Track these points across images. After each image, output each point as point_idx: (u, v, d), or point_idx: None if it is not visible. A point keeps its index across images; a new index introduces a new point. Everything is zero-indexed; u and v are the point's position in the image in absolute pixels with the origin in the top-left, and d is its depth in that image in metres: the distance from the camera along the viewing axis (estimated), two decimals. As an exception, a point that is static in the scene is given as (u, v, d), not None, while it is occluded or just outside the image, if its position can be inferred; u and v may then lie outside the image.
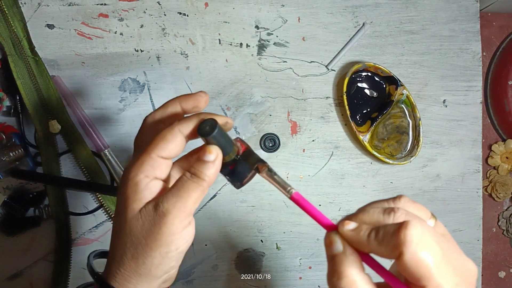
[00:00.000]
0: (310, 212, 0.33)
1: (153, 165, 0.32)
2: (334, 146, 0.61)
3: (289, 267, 0.61)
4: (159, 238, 0.30)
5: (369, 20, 0.62)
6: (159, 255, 0.31)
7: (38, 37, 0.57)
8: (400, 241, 0.25)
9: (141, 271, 0.32)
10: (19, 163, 0.54)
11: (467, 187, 0.63)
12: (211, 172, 0.32)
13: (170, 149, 0.32)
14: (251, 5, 0.60)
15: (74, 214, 0.57)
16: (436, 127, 0.63)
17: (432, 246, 0.25)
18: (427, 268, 0.25)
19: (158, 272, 0.32)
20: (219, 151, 0.32)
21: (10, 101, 0.56)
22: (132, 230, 0.32)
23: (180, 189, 0.31)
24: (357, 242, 0.28)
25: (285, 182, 0.34)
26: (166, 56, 0.59)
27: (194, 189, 0.31)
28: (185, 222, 0.31)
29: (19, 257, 0.57)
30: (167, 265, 0.32)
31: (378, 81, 0.62)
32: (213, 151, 0.32)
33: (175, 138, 0.32)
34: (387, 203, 0.30)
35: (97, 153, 0.57)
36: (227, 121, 0.35)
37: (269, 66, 0.61)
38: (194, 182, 0.31)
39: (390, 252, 0.26)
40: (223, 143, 0.33)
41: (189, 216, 0.31)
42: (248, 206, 0.60)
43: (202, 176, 0.31)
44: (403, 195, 0.31)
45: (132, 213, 0.32)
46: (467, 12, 0.63)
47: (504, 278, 0.73)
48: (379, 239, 0.27)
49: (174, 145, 0.32)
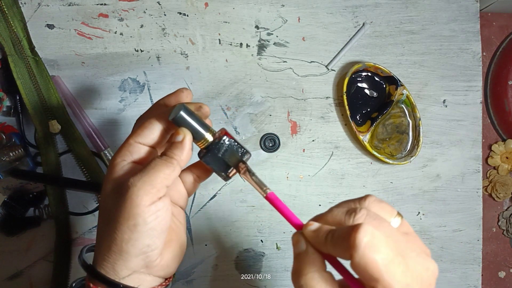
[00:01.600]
0: (282, 212, 0.34)
1: (131, 150, 0.35)
2: (334, 146, 0.61)
3: (289, 267, 0.61)
4: (124, 210, 0.32)
5: (369, 20, 0.62)
6: (127, 228, 0.32)
7: (38, 37, 0.57)
8: (350, 244, 0.26)
9: (114, 248, 0.32)
10: (19, 163, 0.54)
11: (467, 187, 0.63)
12: (179, 152, 0.34)
13: (146, 135, 0.35)
14: (251, 5, 0.60)
15: (74, 214, 0.57)
16: (436, 127, 0.63)
17: (382, 248, 0.26)
18: (376, 269, 0.26)
19: (130, 248, 0.32)
20: (187, 132, 0.35)
21: (10, 101, 0.56)
22: (105, 208, 0.34)
23: (149, 167, 0.33)
24: (317, 243, 0.29)
25: (262, 183, 0.36)
26: (166, 56, 0.59)
27: (162, 165, 0.33)
28: (152, 196, 0.32)
29: (19, 257, 0.57)
30: (138, 241, 0.32)
31: (378, 81, 0.62)
32: (180, 133, 0.34)
33: (150, 124, 0.35)
34: (353, 203, 0.31)
35: (97, 153, 0.57)
36: (200, 105, 0.37)
37: (269, 66, 0.61)
38: (163, 160, 0.33)
39: (343, 253, 0.27)
40: (194, 126, 0.35)
41: (158, 192, 0.32)
42: (248, 206, 0.60)
43: (170, 155, 0.34)
44: (370, 194, 0.31)
45: (106, 192, 0.34)
46: (467, 12, 0.63)
47: (504, 278, 0.73)
48: (334, 241, 0.28)
49: (150, 131, 0.35)
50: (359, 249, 0.26)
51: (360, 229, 0.26)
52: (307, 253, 0.30)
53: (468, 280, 0.62)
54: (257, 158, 0.60)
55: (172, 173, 0.33)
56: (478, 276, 0.62)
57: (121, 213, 0.32)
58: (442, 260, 0.62)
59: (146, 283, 0.35)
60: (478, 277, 0.62)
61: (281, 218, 0.60)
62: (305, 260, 0.29)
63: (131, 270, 0.33)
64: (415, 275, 0.27)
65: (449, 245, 0.63)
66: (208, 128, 0.36)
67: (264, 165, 0.60)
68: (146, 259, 0.33)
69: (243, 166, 0.36)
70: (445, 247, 0.62)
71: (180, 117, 0.34)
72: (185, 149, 0.34)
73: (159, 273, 0.35)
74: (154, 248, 0.33)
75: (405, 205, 0.62)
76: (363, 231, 0.26)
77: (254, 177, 0.36)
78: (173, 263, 0.36)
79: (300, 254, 0.30)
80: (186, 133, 0.35)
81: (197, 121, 0.35)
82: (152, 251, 0.33)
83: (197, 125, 0.35)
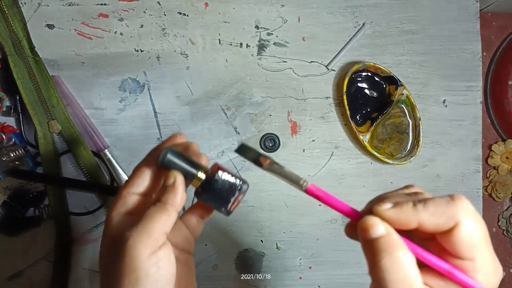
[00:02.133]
0: (330, 203, 0.32)
1: (125, 202, 0.34)
2: (334, 146, 0.61)
3: (289, 267, 0.61)
4: (124, 264, 0.30)
5: (369, 20, 0.62)
6: (128, 283, 0.30)
7: (38, 37, 0.57)
8: (457, 210, 0.26)
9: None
10: (19, 163, 0.54)
11: (467, 187, 0.63)
12: (172, 195, 0.33)
13: (138, 184, 0.34)
14: (251, 5, 0.60)
15: (74, 214, 0.57)
16: (436, 127, 0.63)
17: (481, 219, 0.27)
18: (480, 238, 0.26)
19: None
20: (177, 175, 0.33)
21: (10, 101, 0.56)
22: (105, 262, 0.33)
23: (144, 216, 0.32)
24: (401, 219, 0.27)
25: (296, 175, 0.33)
26: (166, 56, 0.59)
27: (157, 213, 0.32)
28: (151, 246, 0.31)
29: (19, 257, 0.57)
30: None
31: (378, 81, 0.62)
32: (170, 176, 0.33)
33: (140, 172, 0.34)
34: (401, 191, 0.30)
35: (97, 153, 0.57)
36: (188, 145, 0.36)
37: (269, 66, 0.61)
38: (157, 208, 0.32)
39: (443, 222, 0.26)
40: (183, 167, 0.34)
41: (156, 241, 0.31)
42: (248, 206, 0.60)
43: (164, 200, 0.32)
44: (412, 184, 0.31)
45: (104, 247, 0.33)
46: (467, 12, 0.63)
47: (504, 278, 0.73)
48: (429, 210, 0.27)
49: (141, 179, 0.34)
50: (469, 214, 0.26)
51: (464, 197, 0.26)
52: (390, 234, 0.27)
53: (468, 280, 0.62)
54: (257, 158, 0.60)
55: (168, 219, 0.32)
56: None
57: (121, 267, 0.30)
58: (442, 260, 0.62)
59: None
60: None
61: (281, 218, 0.60)
62: (389, 243, 0.27)
63: None
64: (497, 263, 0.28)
65: (449, 245, 0.63)
66: (199, 166, 0.35)
67: (264, 165, 0.60)
68: None
69: (267, 160, 0.34)
70: (445, 247, 0.62)
71: (167, 160, 0.33)
72: (177, 192, 0.33)
73: None
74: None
75: (405, 205, 0.62)
76: (466, 199, 0.26)
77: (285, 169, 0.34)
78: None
79: (379, 239, 0.27)
80: (177, 175, 0.33)
81: (185, 161, 0.34)
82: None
83: (186, 165, 0.34)
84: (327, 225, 0.61)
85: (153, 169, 0.35)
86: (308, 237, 0.61)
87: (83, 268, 0.58)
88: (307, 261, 0.61)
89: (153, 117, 0.59)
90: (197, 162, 0.35)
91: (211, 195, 0.35)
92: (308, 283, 0.61)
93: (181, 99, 0.59)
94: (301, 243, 0.61)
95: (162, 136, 0.59)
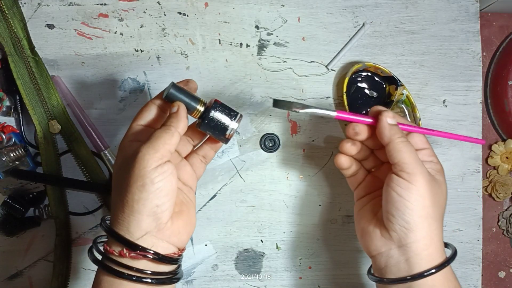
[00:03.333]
0: (355, 120, 0.45)
1: (134, 132, 0.40)
2: (334, 146, 0.61)
3: (289, 267, 0.61)
4: (133, 173, 0.36)
5: (369, 20, 0.62)
6: (136, 189, 0.36)
7: (38, 37, 0.57)
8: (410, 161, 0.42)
9: (126, 210, 0.36)
10: (19, 163, 0.54)
11: (467, 187, 0.63)
12: (176, 120, 0.39)
13: (145, 117, 0.41)
14: (251, 5, 0.60)
15: (74, 214, 0.57)
16: (436, 127, 0.63)
17: None
18: None
19: (141, 207, 0.36)
20: (180, 104, 0.40)
21: (10, 101, 0.56)
22: (117, 179, 0.39)
23: (151, 136, 0.38)
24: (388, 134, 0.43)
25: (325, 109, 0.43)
26: (166, 56, 0.59)
27: (162, 133, 0.37)
28: (157, 160, 0.36)
29: (19, 257, 0.57)
30: (148, 200, 0.36)
31: (378, 81, 0.62)
32: (174, 105, 0.40)
33: (147, 107, 0.41)
34: None
35: (97, 153, 0.57)
36: (187, 81, 0.44)
37: (269, 66, 0.61)
38: (162, 129, 0.38)
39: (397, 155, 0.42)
40: (185, 100, 0.40)
41: (162, 156, 0.37)
42: (248, 206, 0.60)
43: (168, 123, 0.39)
44: None
45: (117, 166, 0.39)
46: (467, 12, 0.63)
47: (504, 278, 0.73)
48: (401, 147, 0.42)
49: (147, 112, 0.41)
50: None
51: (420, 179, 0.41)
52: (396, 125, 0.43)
53: (468, 280, 0.62)
54: (257, 158, 0.60)
55: (171, 138, 0.37)
56: (478, 276, 0.62)
57: (130, 177, 0.36)
58: (442, 260, 0.62)
59: (160, 248, 0.37)
60: (478, 277, 0.62)
61: (281, 218, 0.60)
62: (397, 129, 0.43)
63: (144, 231, 0.36)
64: None
65: (449, 245, 0.62)
66: (199, 100, 0.41)
67: (264, 165, 0.60)
68: (157, 220, 0.37)
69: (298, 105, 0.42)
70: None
71: (170, 93, 0.40)
72: (180, 116, 0.39)
73: (171, 239, 0.38)
74: (163, 209, 0.37)
75: (405, 205, 0.62)
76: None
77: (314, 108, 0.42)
78: (185, 231, 0.40)
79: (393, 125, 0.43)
80: (180, 104, 0.40)
81: (187, 95, 0.40)
82: (162, 212, 0.37)
83: (188, 98, 0.40)
84: (327, 225, 0.61)
85: (159, 104, 0.41)
86: (308, 237, 0.61)
87: (83, 268, 0.58)
88: (307, 261, 0.61)
89: (153, 117, 0.59)
90: (197, 96, 0.41)
91: (209, 124, 0.41)
92: (308, 283, 0.61)
93: (181, 99, 0.59)
94: (301, 243, 0.61)
95: (162, 136, 0.59)
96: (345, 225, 0.61)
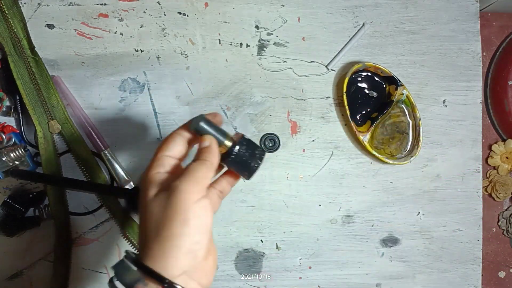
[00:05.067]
0: None
1: (161, 163, 0.38)
2: (334, 146, 0.61)
3: (289, 267, 0.61)
4: (175, 207, 0.34)
5: (369, 20, 0.62)
6: (178, 223, 0.34)
7: (38, 37, 0.57)
8: None
9: (166, 245, 0.34)
10: (19, 163, 0.54)
11: (467, 187, 0.63)
12: (209, 154, 0.38)
13: (172, 148, 0.39)
14: (251, 5, 0.60)
15: (74, 214, 0.57)
16: (436, 127, 0.63)
17: None
18: None
19: (182, 243, 0.34)
20: (211, 138, 0.39)
21: (10, 101, 0.56)
22: (152, 211, 0.35)
23: (188, 170, 0.36)
24: None
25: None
26: (166, 56, 0.59)
27: (199, 167, 0.37)
28: (198, 193, 0.35)
29: (19, 257, 0.57)
30: (189, 236, 0.34)
31: (378, 81, 0.62)
32: (206, 138, 0.39)
33: (174, 138, 0.39)
34: None
35: (97, 153, 0.57)
36: (215, 114, 0.42)
37: (269, 66, 0.61)
38: (199, 163, 0.37)
39: None
40: (214, 133, 0.39)
41: (202, 189, 0.36)
42: (248, 206, 0.60)
43: (202, 158, 0.38)
44: None
45: (149, 199, 0.36)
46: (467, 12, 0.63)
47: (504, 278, 0.73)
48: None
49: (175, 144, 0.39)
50: None
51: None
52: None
53: (468, 280, 0.62)
54: (257, 158, 0.60)
55: (208, 172, 0.37)
56: (478, 276, 0.62)
57: (171, 211, 0.34)
58: (442, 260, 0.62)
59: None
60: (478, 277, 0.62)
61: (281, 218, 0.60)
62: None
63: (182, 270, 0.34)
64: None
65: (449, 245, 0.63)
66: (226, 134, 0.40)
67: (264, 165, 0.60)
68: (195, 259, 0.35)
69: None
70: (445, 247, 0.62)
71: (201, 126, 0.39)
72: (213, 151, 0.38)
73: (201, 280, 0.36)
74: (202, 246, 0.35)
75: (405, 205, 0.62)
76: None
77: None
78: (212, 272, 0.38)
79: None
80: (212, 138, 0.39)
81: (216, 129, 0.39)
82: (199, 249, 0.35)
83: (216, 132, 0.39)
84: (327, 225, 0.61)
85: (186, 135, 0.40)
86: (308, 237, 0.61)
87: (83, 268, 0.58)
88: (307, 261, 0.61)
89: (153, 117, 0.59)
90: (224, 131, 0.40)
91: (236, 159, 0.40)
92: (308, 283, 0.61)
93: (181, 99, 0.59)
94: (301, 243, 0.61)
95: (162, 136, 0.59)
96: (345, 225, 0.61)
